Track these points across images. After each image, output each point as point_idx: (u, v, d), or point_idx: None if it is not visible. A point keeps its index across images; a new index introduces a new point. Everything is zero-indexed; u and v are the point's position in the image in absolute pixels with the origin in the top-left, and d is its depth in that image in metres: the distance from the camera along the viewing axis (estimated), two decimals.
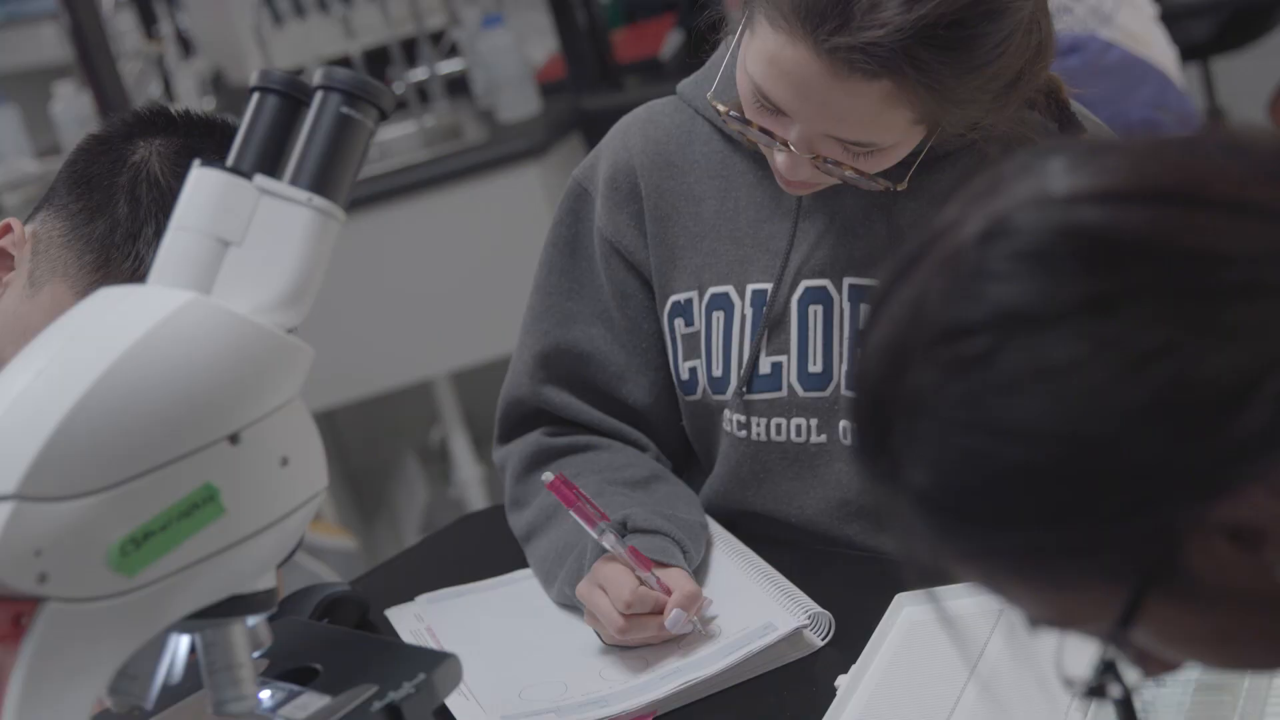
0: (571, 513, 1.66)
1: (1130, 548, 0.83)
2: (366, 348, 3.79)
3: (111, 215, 1.56)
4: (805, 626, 1.58)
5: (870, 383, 0.89)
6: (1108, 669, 0.90)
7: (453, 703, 1.56)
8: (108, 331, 1.05)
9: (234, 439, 1.05)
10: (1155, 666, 0.92)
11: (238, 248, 1.10)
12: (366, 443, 4.44)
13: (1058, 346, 0.82)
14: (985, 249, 0.85)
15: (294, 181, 1.12)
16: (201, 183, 1.11)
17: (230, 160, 1.13)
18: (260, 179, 1.11)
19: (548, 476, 1.66)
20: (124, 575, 1.02)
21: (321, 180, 1.12)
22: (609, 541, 1.63)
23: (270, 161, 1.13)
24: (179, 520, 1.03)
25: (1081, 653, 0.91)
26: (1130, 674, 0.92)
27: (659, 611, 1.60)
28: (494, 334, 3.56)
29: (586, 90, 3.97)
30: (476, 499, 4.00)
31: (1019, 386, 0.82)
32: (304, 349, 1.10)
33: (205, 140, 1.56)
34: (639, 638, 1.61)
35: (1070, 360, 0.82)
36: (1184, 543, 0.83)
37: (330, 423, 4.15)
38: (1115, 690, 0.91)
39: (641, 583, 1.61)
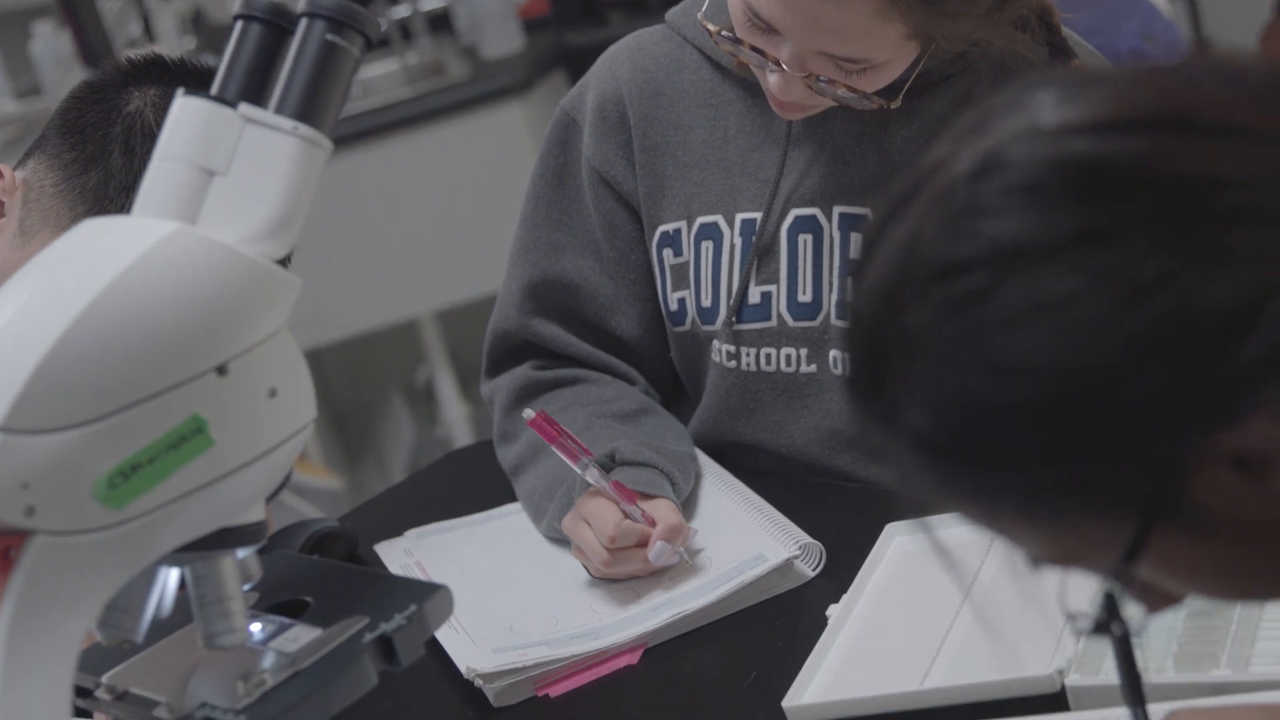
0: (554, 449, 1.65)
1: (1134, 481, 0.83)
2: (351, 287, 3.78)
3: (105, 166, 1.54)
4: (796, 557, 1.58)
5: (865, 325, 0.88)
6: (1110, 605, 0.90)
7: (443, 636, 1.56)
8: (92, 263, 1.03)
9: (221, 370, 1.04)
10: (1158, 601, 0.92)
11: (223, 177, 1.08)
12: (352, 383, 4.43)
13: (1054, 280, 0.81)
14: (977, 185, 0.84)
15: (279, 110, 1.10)
16: (185, 112, 1.10)
17: (214, 89, 1.12)
18: (245, 108, 1.09)
19: (529, 413, 1.65)
20: (112, 508, 1.01)
21: (307, 108, 1.10)
22: (592, 476, 1.63)
23: (255, 90, 1.11)
24: (167, 452, 1.02)
25: (1081, 587, 0.91)
26: (1131, 610, 0.91)
27: (644, 544, 1.60)
28: (479, 272, 3.55)
29: (570, 26, 3.95)
30: (463, 438, 4.00)
31: (1017, 322, 0.81)
32: (291, 279, 1.09)
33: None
34: (625, 571, 1.61)
35: (1067, 294, 0.80)
36: (1188, 474, 0.82)
37: (315, 362, 4.14)
38: (1117, 628, 0.91)
39: (627, 515, 1.60)
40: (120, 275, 1.02)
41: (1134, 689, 0.94)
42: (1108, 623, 0.90)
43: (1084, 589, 0.91)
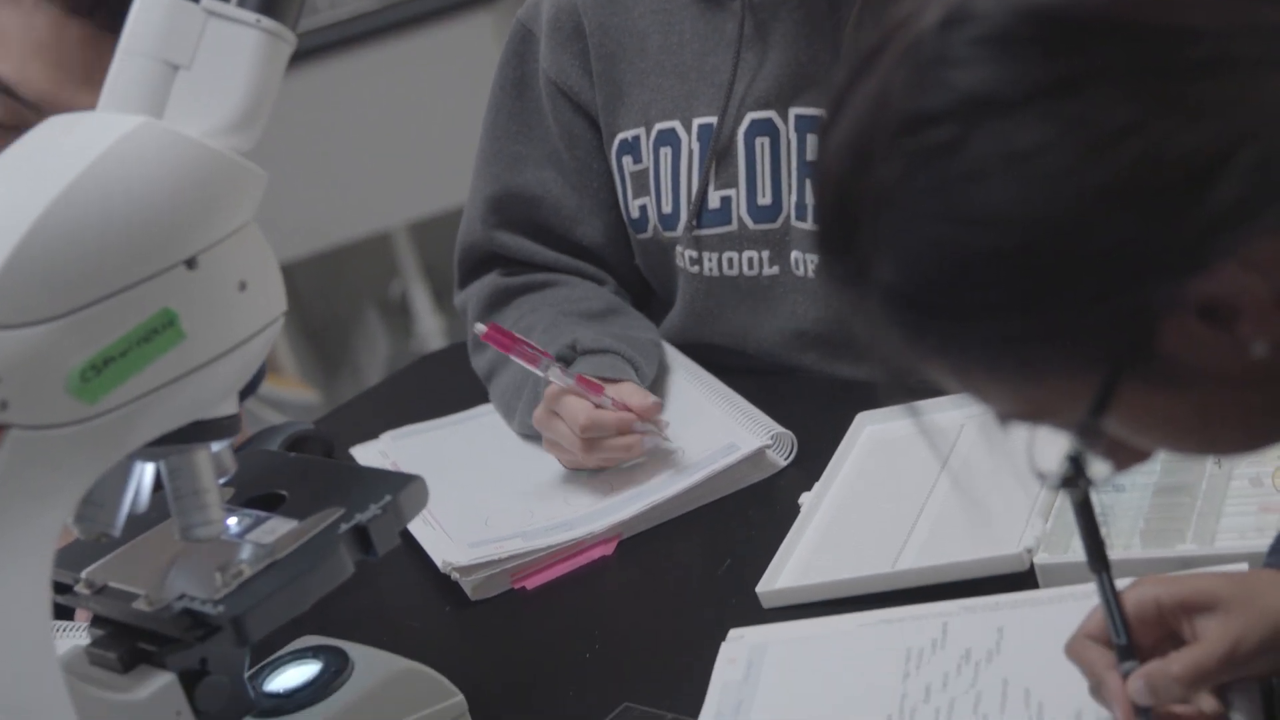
0: (512, 357, 1.65)
1: (1103, 332, 0.83)
2: (322, 200, 3.77)
3: None
4: (768, 446, 1.59)
5: (834, 181, 0.88)
6: (1076, 461, 0.90)
7: (419, 532, 1.57)
8: (59, 157, 1.04)
9: (191, 263, 1.05)
10: (1126, 457, 0.93)
11: (187, 71, 1.08)
12: (325, 297, 4.42)
13: (1024, 130, 0.81)
14: (946, 36, 0.83)
15: (242, 3, 1.10)
16: (148, 6, 1.10)
17: None
18: (208, 1, 1.09)
19: (480, 328, 1.64)
20: (85, 402, 1.02)
21: (270, 1, 1.10)
22: (555, 375, 1.63)
23: None
24: (139, 345, 1.03)
25: (1053, 454, 0.91)
26: (1097, 469, 0.92)
27: (621, 433, 1.61)
28: (451, 183, 3.53)
29: None
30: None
31: (986, 172, 0.81)
32: (256, 172, 1.09)
33: None
34: (600, 458, 1.62)
35: (1037, 143, 0.80)
36: (1157, 324, 0.82)
37: (288, 277, 4.07)
38: (1083, 483, 0.91)
39: (598, 406, 1.61)
40: (87, 169, 1.02)
41: (1095, 547, 0.94)
42: (1074, 478, 0.90)
43: (1056, 455, 0.92)
